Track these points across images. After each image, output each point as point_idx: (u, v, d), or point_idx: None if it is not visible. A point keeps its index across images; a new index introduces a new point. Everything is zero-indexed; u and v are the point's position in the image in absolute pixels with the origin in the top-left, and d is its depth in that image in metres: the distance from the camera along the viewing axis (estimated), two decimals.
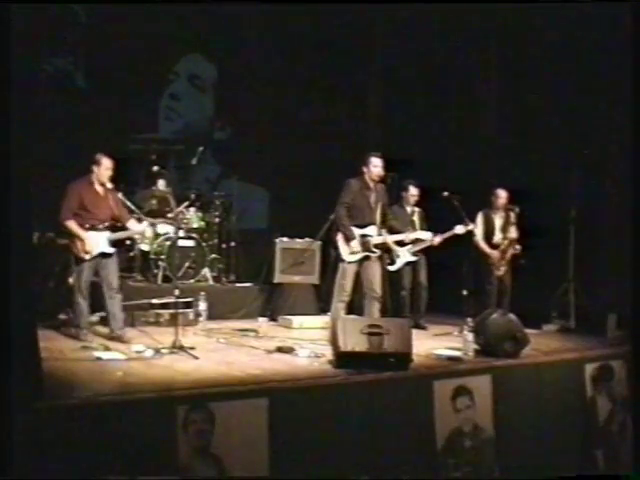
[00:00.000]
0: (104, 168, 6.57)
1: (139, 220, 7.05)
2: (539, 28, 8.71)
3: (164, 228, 8.19)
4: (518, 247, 8.09)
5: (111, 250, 6.63)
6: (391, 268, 7.94)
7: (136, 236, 7.96)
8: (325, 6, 9.25)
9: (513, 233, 8.13)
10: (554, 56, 8.70)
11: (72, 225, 6.51)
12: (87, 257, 6.50)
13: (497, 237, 8.20)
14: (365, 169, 6.96)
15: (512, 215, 8.13)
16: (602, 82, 8.16)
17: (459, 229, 7.80)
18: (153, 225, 7.27)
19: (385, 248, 7.32)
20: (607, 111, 8.01)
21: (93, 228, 6.54)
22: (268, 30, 9.92)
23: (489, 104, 9.70)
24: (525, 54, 9.04)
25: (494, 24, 9.36)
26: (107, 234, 6.59)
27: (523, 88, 9.08)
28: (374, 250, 6.94)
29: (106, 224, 6.61)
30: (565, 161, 8.60)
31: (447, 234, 7.87)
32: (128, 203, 7.27)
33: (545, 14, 8.38)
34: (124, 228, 6.79)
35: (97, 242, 6.53)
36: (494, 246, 8.17)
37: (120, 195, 6.87)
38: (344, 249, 6.91)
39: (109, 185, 6.65)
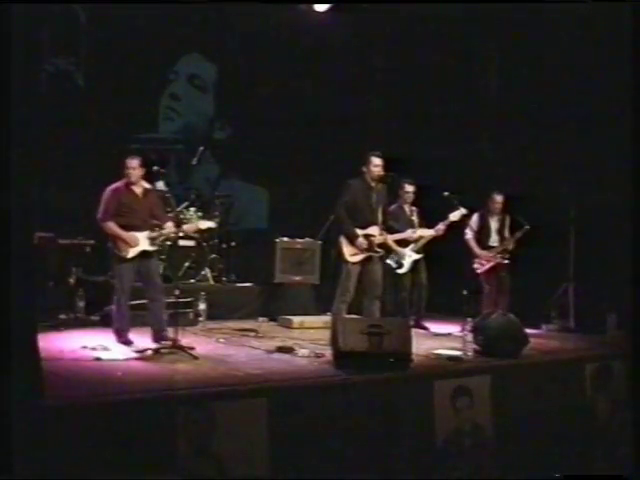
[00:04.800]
0: (131, 169, 6.58)
1: (178, 223, 7.08)
2: (539, 29, 8.70)
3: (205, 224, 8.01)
4: (507, 260, 8.12)
5: (152, 248, 6.62)
6: (401, 271, 7.95)
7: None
8: (325, 5, 9.27)
9: (510, 244, 8.15)
10: (554, 56, 8.69)
11: (112, 226, 6.51)
12: (130, 255, 6.48)
13: (493, 239, 8.23)
14: (365, 169, 6.95)
15: (508, 220, 8.19)
16: (602, 82, 8.15)
17: (454, 215, 7.80)
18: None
19: (388, 248, 7.32)
20: (607, 111, 8.00)
21: (133, 228, 6.53)
22: (268, 30, 9.91)
23: (489, 104, 9.70)
24: (525, 54, 9.04)
25: (494, 25, 9.36)
26: (147, 233, 6.58)
27: (523, 88, 9.08)
28: (377, 250, 6.94)
29: (146, 224, 6.60)
30: (565, 161, 8.60)
31: (443, 223, 7.86)
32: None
33: (545, 14, 8.38)
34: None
35: (138, 241, 6.52)
36: (488, 248, 8.20)
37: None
38: (347, 250, 6.90)
39: (147, 186, 6.69)
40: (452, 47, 9.51)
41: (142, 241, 6.54)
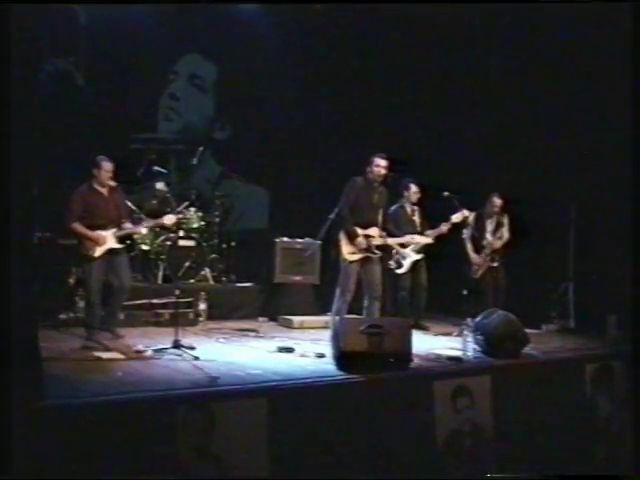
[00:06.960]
0: (104, 171, 6.64)
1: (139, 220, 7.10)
2: (539, 29, 8.70)
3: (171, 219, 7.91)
4: (496, 262, 8.12)
5: (119, 245, 6.70)
6: (400, 271, 7.95)
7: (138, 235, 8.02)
8: (325, 6, 9.27)
9: (498, 243, 8.15)
10: (554, 56, 8.69)
11: (78, 227, 6.56)
12: (97, 253, 6.53)
13: (487, 240, 8.23)
14: (368, 169, 6.97)
15: (505, 220, 8.19)
16: (602, 82, 8.15)
17: (456, 217, 7.81)
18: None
19: (386, 249, 7.31)
20: (607, 111, 8.00)
21: (100, 227, 6.59)
22: (268, 30, 9.91)
23: (489, 104, 9.70)
24: (525, 54, 9.04)
25: (494, 25, 9.36)
26: (114, 230, 6.64)
27: (523, 88, 9.07)
28: (375, 251, 6.93)
29: (113, 222, 6.67)
30: (565, 161, 8.60)
31: (445, 224, 7.87)
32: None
33: (545, 14, 8.38)
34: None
35: (105, 239, 6.58)
36: (482, 248, 8.20)
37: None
38: (346, 249, 6.90)
39: (112, 184, 6.73)
40: (452, 47, 9.49)
41: (109, 239, 6.61)
